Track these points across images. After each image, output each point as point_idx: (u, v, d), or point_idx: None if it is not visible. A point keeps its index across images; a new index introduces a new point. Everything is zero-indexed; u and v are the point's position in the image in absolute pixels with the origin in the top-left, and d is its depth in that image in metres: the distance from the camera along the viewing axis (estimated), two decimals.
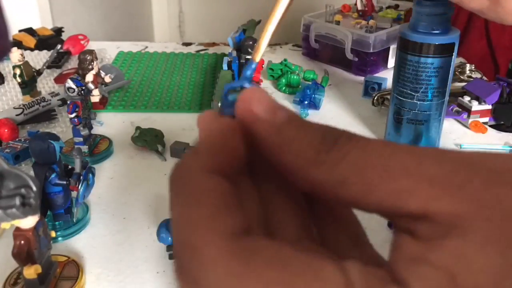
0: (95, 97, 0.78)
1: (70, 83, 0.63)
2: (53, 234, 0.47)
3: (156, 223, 0.52)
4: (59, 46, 0.99)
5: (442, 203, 0.16)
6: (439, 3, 0.59)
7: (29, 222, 0.40)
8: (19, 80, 0.80)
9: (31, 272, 0.42)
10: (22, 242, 0.41)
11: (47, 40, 1.07)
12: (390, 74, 0.72)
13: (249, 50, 0.79)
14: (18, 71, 0.80)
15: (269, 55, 1.05)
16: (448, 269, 0.15)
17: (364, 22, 0.98)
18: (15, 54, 0.79)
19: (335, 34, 0.95)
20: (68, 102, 0.64)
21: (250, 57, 0.78)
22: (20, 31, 1.08)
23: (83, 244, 0.53)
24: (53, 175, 0.51)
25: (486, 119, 0.76)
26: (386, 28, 0.95)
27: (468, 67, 0.91)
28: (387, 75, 0.88)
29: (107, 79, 0.78)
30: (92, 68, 0.74)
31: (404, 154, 0.16)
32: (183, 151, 0.67)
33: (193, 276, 0.16)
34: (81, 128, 0.65)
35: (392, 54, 0.95)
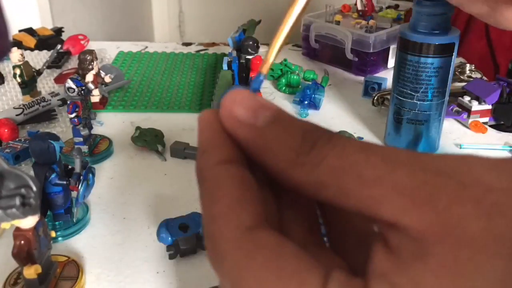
0: (95, 97, 0.78)
1: (70, 83, 0.63)
2: (53, 234, 0.47)
3: (156, 223, 0.52)
4: (59, 46, 0.99)
5: (410, 217, 0.16)
6: (439, 3, 0.59)
7: (29, 222, 0.40)
8: (19, 80, 0.80)
9: (31, 272, 0.42)
10: (22, 242, 0.41)
11: (47, 40, 1.07)
12: (390, 74, 0.72)
13: (249, 50, 0.79)
14: (18, 71, 0.80)
15: None
16: None
17: (364, 22, 0.98)
18: (15, 54, 0.79)
19: (335, 34, 0.95)
20: (68, 102, 0.64)
21: (250, 57, 0.78)
22: (20, 31, 1.08)
23: (83, 244, 0.53)
24: (53, 175, 0.51)
25: (486, 119, 0.76)
26: (386, 28, 0.95)
27: (468, 67, 0.91)
28: (387, 75, 0.88)
29: (107, 79, 0.78)
30: (92, 68, 0.74)
31: (378, 161, 0.16)
32: (183, 151, 0.67)
33: (216, 262, 0.18)
34: (81, 128, 0.66)
35: (392, 54, 0.95)
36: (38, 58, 1.02)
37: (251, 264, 0.17)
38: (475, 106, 0.75)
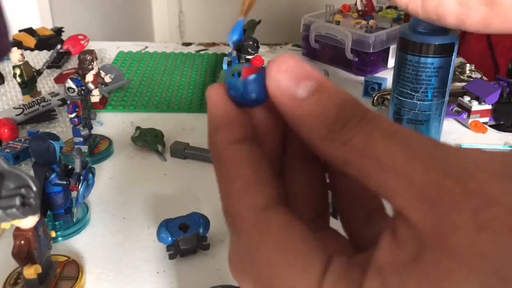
0: (95, 97, 0.78)
1: (70, 83, 0.63)
2: (53, 234, 0.47)
3: (156, 223, 0.52)
4: (59, 46, 0.99)
5: (415, 211, 0.16)
6: None
7: (29, 222, 0.40)
8: (19, 80, 0.80)
9: (31, 272, 0.42)
10: (22, 242, 0.41)
11: (47, 40, 1.07)
12: (390, 74, 0.72)
13: (249, 50, 0.79)
14: (18, 71, 0.80)
15: (269, 55, 1.05)
16: None
17: (364, 22, 0.98)
18: (15, 54, 0.79)
19: (335, 34, 0.95)
20: (68, 102, 0.64)
21: (250, 57, 0.78)
22: (20, 31, 1.08)
23: (83, 244, 0.53)
24: (53, 175, 0.51)
25: (486, 119, 0.76)
26: (386, 28, 0.95)
27: (468, 67, 0.91)
28: (387, 75, 0.88)
29: (107, 79, 0.78)
30: (92, 68, 0.74)
31: (398, 150, 0.16)
32: (183, 151, 0.67)
33: (233, 231, 0.20)
34: (81, 128, 0.66)
35: (392, 54, 0.95)
36: (38, 58, 1.02)
37: (263, 243, 0.19)
38: (475, 106, 0.75)
